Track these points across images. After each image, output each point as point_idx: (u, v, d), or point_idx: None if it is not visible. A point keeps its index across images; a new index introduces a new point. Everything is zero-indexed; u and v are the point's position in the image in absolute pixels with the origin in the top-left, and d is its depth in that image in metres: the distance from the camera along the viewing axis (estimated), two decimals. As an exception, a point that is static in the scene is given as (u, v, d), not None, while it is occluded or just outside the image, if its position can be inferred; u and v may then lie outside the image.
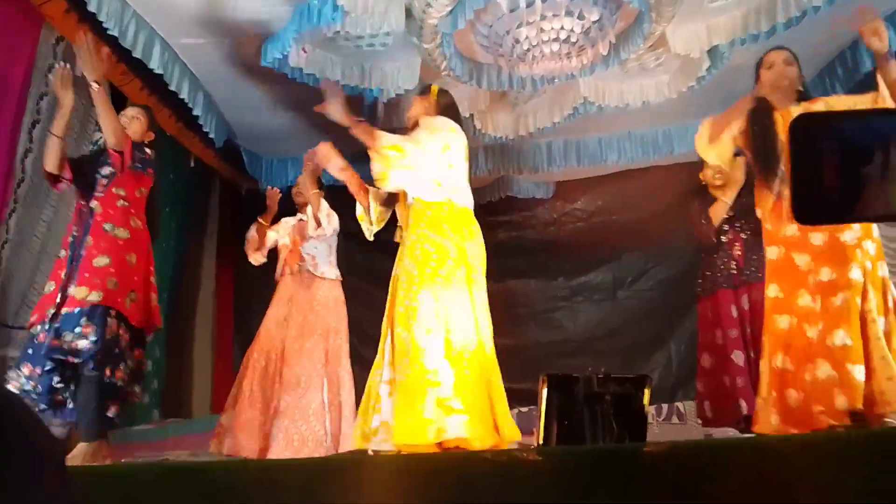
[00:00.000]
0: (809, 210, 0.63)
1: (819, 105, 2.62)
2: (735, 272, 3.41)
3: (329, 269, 3.74)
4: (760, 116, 2.59)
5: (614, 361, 5.28)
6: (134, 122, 3.09)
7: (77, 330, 2.62)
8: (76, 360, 2.61)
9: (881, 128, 0.62)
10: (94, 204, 2.85)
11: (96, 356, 2.62)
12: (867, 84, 4.00)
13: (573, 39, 3.43)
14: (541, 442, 2.01)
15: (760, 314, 3.26)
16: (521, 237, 5.98)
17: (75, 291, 2.67)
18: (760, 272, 3.31)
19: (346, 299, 3.80)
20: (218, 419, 3.67)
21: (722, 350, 3.36)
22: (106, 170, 2.88)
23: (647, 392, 2.00)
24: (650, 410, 4.43)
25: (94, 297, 2.67)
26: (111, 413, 2.70)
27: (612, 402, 1.94)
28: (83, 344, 2.61)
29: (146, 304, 2.90)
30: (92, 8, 3.20)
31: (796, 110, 2.57)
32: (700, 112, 4.66)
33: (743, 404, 3.20)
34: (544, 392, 1.97)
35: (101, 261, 2.75)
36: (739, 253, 3.43)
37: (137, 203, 2.99)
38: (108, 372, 2.65)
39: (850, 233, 2.44)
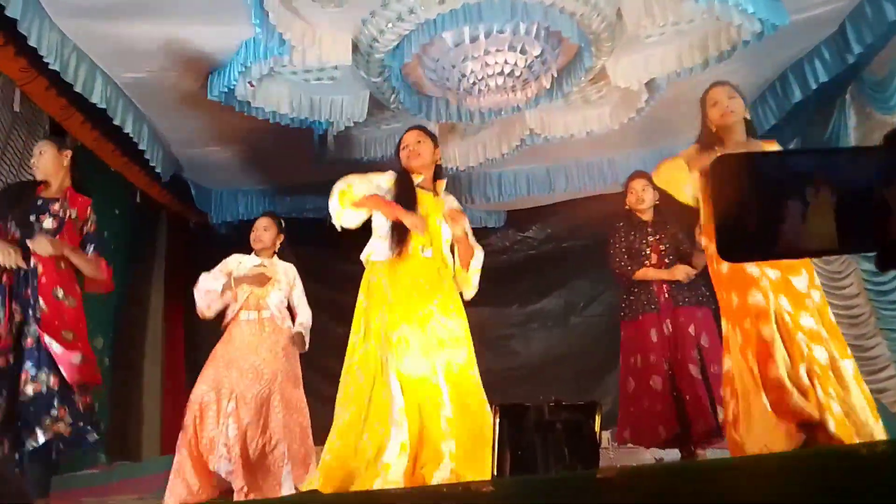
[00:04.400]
0: (732, 247, 0.65)
1: (772, 147, 2.64)
2: (661, 298, 3.45)
3: (287, 320, 3.62)
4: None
5: (568, 386, 5.33)
6: (41, 157, 3.01)
7: (53, 413, 2.62)
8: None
9: (798, 167, 0.65)
10: (34, 261, 2.76)
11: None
12: (796, 114, 4.23)
13: (517, 73, 3.52)
14: (494, 472, 2.01)
15: (683, 338, 3.34)
16: (474, 266, 6.01)
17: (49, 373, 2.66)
18: (689, 297, 3.40)
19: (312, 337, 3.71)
20: (167, 461, 3.52)
21: (642, 374, 3.41)
22: (48, 222, 2.83)
23: (597, 418, 2.02)
24: (605, 435, 4.49)
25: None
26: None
27: (564, 430, 1.96)
28: (60, 426, 2.63)
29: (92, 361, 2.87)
30: (32, 42, 3.13)
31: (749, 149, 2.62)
32: (642, 142, 4.86)
33: (661, 430, 3.27)
34: (496, 422, 1.98)
35: (68, 335, 2.73)
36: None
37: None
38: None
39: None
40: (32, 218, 2.82)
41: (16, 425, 2.59)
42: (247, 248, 3.73)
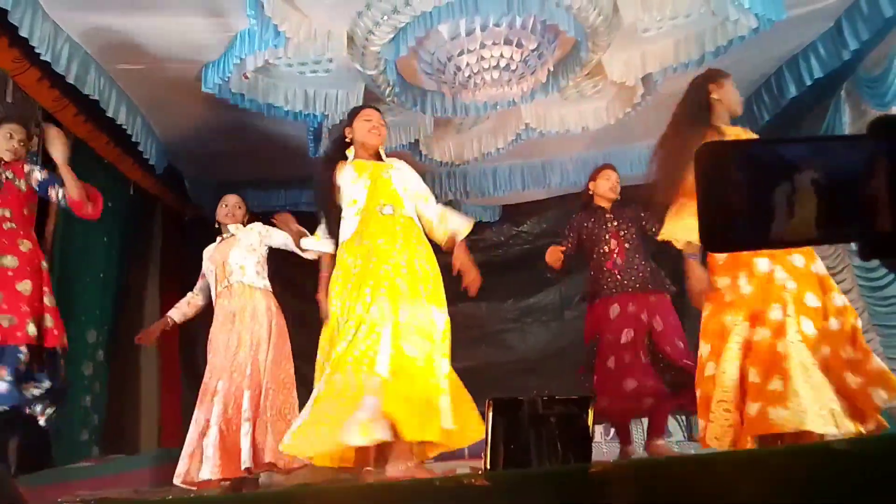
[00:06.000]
0: (717, 237, 0.64)
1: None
2: (616, 281, 3.54)
3: (258, 279, 3.56)
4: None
5: (564, 380, 5.33)
6: (9, 141, 3.01)
7: None
8: None
9: (785, 156, 0.64)
10: None
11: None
12: (791, 109, 4.22)
13: (513, 67, 3.51)
14: (488, 466, 2.01)
15: (635, 322, 3.42)
16: (469, 260, 6.02)
17: None
18: (639, 283, 3.49)
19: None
20: (164, 453, 3.52)
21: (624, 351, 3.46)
22: None
23: (590, 412, 2.03)
24: (599, 430, 4.50)
25: None
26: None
27: (557, 424, 1.97)
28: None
29: (43, 324, 2.85)
30: (24, 32, 3.11)
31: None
32: (637, 137, 4.85)
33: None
34: (490, 416, 1.98)
35: None
36: (620, 261, 3.55)
37: (25, 222, 2.95)
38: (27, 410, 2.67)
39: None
40: None
41: None
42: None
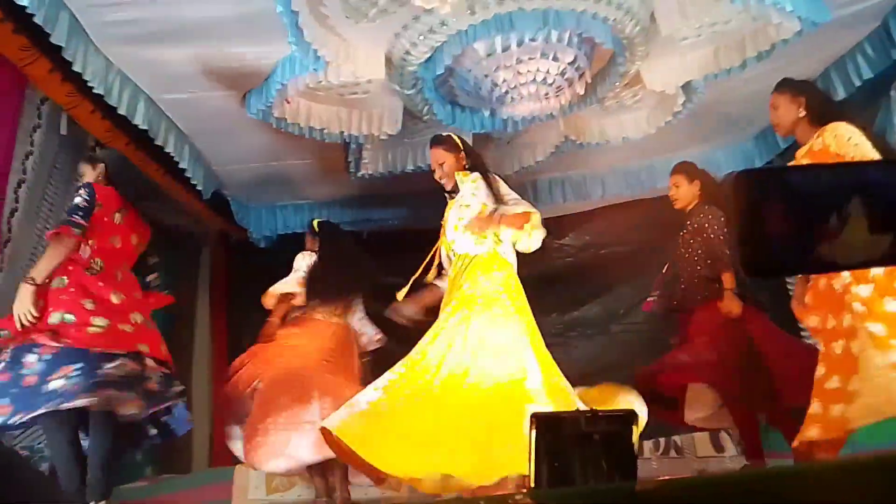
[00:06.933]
0: (757, 264, 0.63)
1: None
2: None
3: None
4: None
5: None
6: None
7: None
8: None
9: (831, 181, 0.63)
10: None
11: None
12: (840, 112, 4.08)
13: (550, 80, 3.50)
14: (532, 484, 1.99)
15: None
16: (511, 274, 5.99)
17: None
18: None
19: None
20: (214, 473, 3.64)
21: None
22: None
23: (635, 429, 1.99)
24: (648, 445, 4.40)
25: None
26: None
27: (601, 441, 1.93)
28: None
29: None
30: (77, 67, 3.24)
31: None
32: (679, 146, 4.78)
33: None
34: (533, 432, 1.96)
35: None
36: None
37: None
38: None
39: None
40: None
41: None
42: (285, 260, 4.13)
